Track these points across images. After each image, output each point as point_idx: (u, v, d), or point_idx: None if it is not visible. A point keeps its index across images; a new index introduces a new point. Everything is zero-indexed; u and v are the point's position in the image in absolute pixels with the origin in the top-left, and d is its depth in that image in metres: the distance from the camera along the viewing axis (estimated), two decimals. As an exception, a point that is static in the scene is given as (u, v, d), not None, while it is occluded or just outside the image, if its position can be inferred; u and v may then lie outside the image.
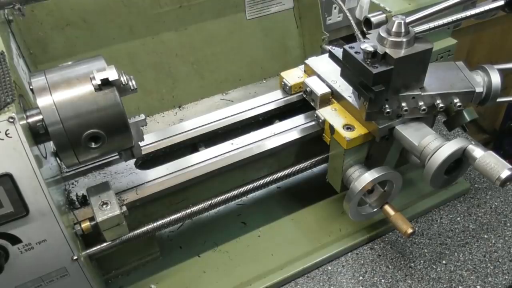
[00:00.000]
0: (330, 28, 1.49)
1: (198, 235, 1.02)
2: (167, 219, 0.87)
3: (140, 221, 0.87)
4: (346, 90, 0.93)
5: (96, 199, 0.77)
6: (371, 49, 0.77)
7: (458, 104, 0.84)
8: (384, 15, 0.94)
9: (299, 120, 0.98)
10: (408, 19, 0.80)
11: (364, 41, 0.81)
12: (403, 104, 0.83)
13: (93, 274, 0.78)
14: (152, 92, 1.22)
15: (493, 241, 1.00)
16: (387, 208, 0.91)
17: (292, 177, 0.98)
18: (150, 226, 0.86)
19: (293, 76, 1.04)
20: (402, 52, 0.78)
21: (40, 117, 0.64)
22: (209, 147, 0.93)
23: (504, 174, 0.72)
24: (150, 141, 0.93)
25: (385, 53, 0.78)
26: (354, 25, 1.05)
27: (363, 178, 0.86)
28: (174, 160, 0.90)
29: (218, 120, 0.99)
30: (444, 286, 0.92)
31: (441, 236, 1.02)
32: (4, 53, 0.70)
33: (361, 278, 0.94)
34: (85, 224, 0.77)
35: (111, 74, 0.66)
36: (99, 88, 0.66)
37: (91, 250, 0.81)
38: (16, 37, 0.94)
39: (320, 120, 0.92)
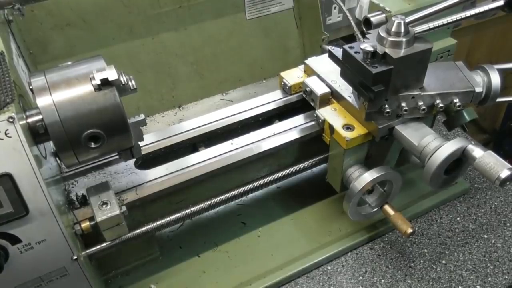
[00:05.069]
0: (330, 28, 1.49)
1: (198, 235, 1.02)
2: (167, 219, 0.87)
3: (139, 221, 0.87)
4: (345, 90, 0.93)
5: (96, 199, 0.77)
6: (370, 49, 0.77)
7: (458, 104, 0.84)
8: (383, 15, 0.94)
9: (298, 120, 0.98)
10: (408, 19, 0.80)
11: (363, 41, 0.81)
12: (403, 104, 0.83)
13: (92, 274, 0.78)
14: (152, 92, 1.22)
15: (493, 241, 1.00)
16: (387, 208, 0.91)
17: (292, 177, 0.98)
18: (150, 226, 0.86)
19: (293, 76, 1.04)
20: (402, 52, 0.78)
21: (39, 117, 0.64)
22: (209, 147, 0.93)
23: (504, 173, 0.72)
24: (149, 141, 0.93)
25: (385, 53, 0.78)
26: (354, 25, 1.05)
27: (363, 178, 0.86)
28: (174, 160, 0.90)
29: (218, 120, 0.99)
30: (444, 286, 0.92)
31: (441, 236, 1.02)
32: (4, 53, 0.70)
33: (361, 278, 0.94)
34: (85, 224, 0.77)
35: (111, 74, 0.66)
36: (98, 88, 0.66)
37: (90, 250, 0.81)
38: (16, 37, 0.94)
39: (320, 120, 0.92)
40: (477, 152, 0.77)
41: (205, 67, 1.26)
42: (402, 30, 0.78)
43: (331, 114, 0.92)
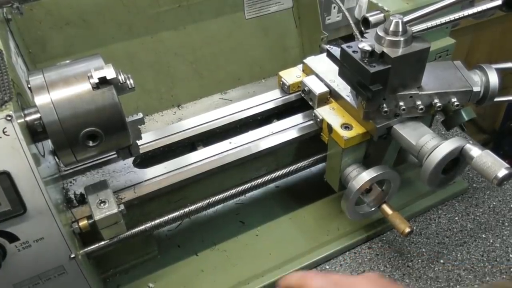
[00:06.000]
0: (329, 27, 1.48)
1: (196, 234, 1.02)
2: (165, 218, 0.87)
3: (138, 219, 0.87)
4: (344, 89, 0.93)
5: (94, 198, 0.77)
6: (368, 48, 0.78)
7: (456, 103, 0.84)
8: (382, 15, 0.94)
9: (297, 119, 0.98)
10: (406, 19, 0.80)
11: (361, 40, 0.81)
12: (401, 103, 0.83)
13: (90, 272, 0.78)
14: (151, 91, 1.22)
15: (491, 241, 1.00)
16: (385, 207, 0.91)
17: (290, 176, 0.98)
18: (148, 224, 0.86)
19: (291, 75, 1.04)
20: (400, 51, 0.78)
21: (38, 115, 0.64)
22: (208, 146, 0.93)
23: (501, 173, 0.72)
24: (148, 139, 0.93)
25: (383, 52, 0.78)
26: (352, 24, 1.05)
27: (361, 177, 0.86)
28: (172, 159, 0.90)
29: (216, 119, 0.99)
30: (442, 285, 0.92)
31: (439, 235, 1.02)
32: (2, 52, 0.71)
33: (359, 277, 0.94)
34: (83, 223, 0.77)
35: (109, 72, 0.66)
36: (96, 86, 0.66)
37: (88, 248, 0.81)
38: (15, 35, 0.94)
39: (318, 119, 0.92)
40: (474, 151, 0.77)
41: (204, 67, 1.26)
42: (400, 29, 0.78)
43: (329, 113, 0.92)
